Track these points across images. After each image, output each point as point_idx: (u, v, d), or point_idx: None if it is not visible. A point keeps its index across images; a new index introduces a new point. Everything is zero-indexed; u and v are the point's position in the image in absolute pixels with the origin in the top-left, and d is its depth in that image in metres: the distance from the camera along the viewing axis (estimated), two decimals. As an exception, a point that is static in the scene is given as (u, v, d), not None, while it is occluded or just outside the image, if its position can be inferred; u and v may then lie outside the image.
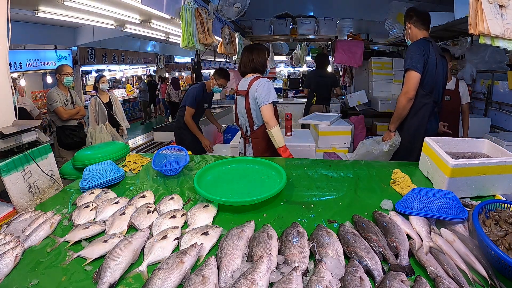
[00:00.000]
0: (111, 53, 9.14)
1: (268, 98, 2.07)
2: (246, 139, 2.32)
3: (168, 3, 2.94)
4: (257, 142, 2.24)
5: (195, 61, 5.31)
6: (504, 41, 1.63)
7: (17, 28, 5.35)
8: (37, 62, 6.99)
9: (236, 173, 1.57)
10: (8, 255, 0.97)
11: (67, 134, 3.49)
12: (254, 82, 2.15)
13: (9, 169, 1.29)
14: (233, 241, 0.98)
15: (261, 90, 2.08)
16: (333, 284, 0.81)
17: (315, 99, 4.79)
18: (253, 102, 2.15)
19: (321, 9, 5.85)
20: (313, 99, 4.81)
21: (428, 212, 1.12)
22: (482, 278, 0.87)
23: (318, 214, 1.23)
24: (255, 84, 2.13)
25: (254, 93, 2.12)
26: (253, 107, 2.17)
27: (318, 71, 4.93)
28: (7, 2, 1.40)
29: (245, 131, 2.31)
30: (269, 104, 2.08)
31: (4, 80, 1.42)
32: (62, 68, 3.46)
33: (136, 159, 1.90)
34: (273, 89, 2.14)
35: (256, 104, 2.14)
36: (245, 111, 2.21)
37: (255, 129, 2.23)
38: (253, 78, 2.17)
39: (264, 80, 2.14)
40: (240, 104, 2.28)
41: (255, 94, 2.11)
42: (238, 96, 2.29)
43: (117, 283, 0.88)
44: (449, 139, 1.62)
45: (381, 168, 1.69)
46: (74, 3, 2.83)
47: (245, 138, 2.32)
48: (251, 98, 2.15)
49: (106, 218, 1.22)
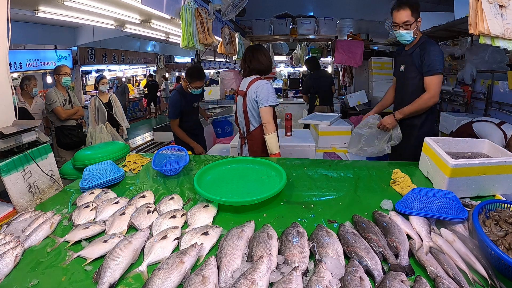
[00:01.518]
0: (111, 53, 9.14)
1: (266, 100, 2.06)
2: (242, 140, 2.32)
3: (168, 3, 2.94)
4: (252, 144, 2.24)
5: (195, 61, 5.32)
6: (504, 41, 1.63)
7: (17, 28, 5.35)
8: (37, 62, 6.99)
9: (236, 173, 1.57)
10: (8, 255, 0.97)
11: (66, 134, 3.50)
12: (253, 83, 2.13)
13: (9, 169, 1.29)
14: (233, 241, 0.98)
15: (260, 92, 2.08)
16: (333, 284, 0.81)
17: (317, 101, 4.81)
18: (250, 103, 2.15)
19: (321, 9, 5.85)
20: (315, 101, 4.83)
21: (428, 212, 1.12)
22: (482, 278, 0.87)
23: (318, 214, 1.23)
24: (255, 85, 2.12)
25: (252, 94, 2.11)
26: (250, 108, 2.16)
27: (314, 74, 4.94)
28: (7, 2, 1.40)
29: (242, 132, 2.31)
30: (268, 107, 2.07)
31: (4, 80, 1.42)
32: (60, 69, 3.47)
33: (136, 159, 1.90)
34: (273, 92, 2.12)
35: (253, 106, 2.14)
36: (243, 111, 2.21)
37: (250, 131, 2.22)
38: (253, 79, 2.16)
39: (264, 82, 2.12)
40: (239, 104, 2.28)
41: (255, 95, 2.10)
42: (238, 96, 2.29)
43: (117, 283, 0.88)
44: (449, 139, 1.62)
45: (381, 168, 1.69)
46: (74, 3, 2.83)
47: (242, 138, 2.32)
48: (249, 99, 2.15)
49: (106, 218, 1.22)
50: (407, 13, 1.91)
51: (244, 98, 2.18)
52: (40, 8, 3.46)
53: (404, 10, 1.91)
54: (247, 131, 2.25)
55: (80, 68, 8.17)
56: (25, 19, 5.23)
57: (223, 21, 4.48)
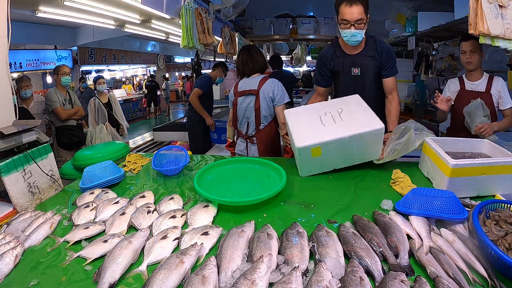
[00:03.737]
0: (111, 53, 9.15)
1: (284, 98, 2.18)
2: (250, 139, 2.31)
3: (168, 3, 2.95)
4: (263, 142, 2.26)
5: (195, 61, 5.31)
6: (504, 41, 1.63)
7: (17, 28, 5.36)
8: (37, 62, 7.00)
9: (236, 173, 1.57)
10: (8, 255, 0.97)
11: (66, 134, 3.50)
12: (266, 81, 2.19)
13: (9, 169, 1.29)
14: (233, 241, 0.98)
15: (277, 90, 2.17)
16: (333, 284, 0.81)
17: None
18: (264, 101, 2.19)
19: (321, 9, 5.85)
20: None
21: (428, 212, 1.12)
22: (482, 278, 0.87)
23: (318, 214, 1.23)
24: (269, 84, 2.19)
25: (268, 92, 2.17)
26: (264, 106, 2.20)
27: (276, 73, 4.86)
28: (7, 2, 1.40)
29: (246, 132, 2.31)
30: (284, 105, 2.18)
31: (4, 80, 1.42)
32: (59, 68, 3.47)
33: (136, 159, 1.90)
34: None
35: (268, 104, 2.19)
36: (254, 110, 2.22)
37: (261, 128, 2.25)
38: (263, 77, 2.22)
39: (277, 80, 2.22)
40: (244, 103, 2.27)
41: (272, 93, 2.17)
42: (242, 97, 2.27)
43: (117, 283, 0.88)
44: (449, 139, 1.62)
45: (381, 168, 1.69)
46: (74, 3, 2.84)
47: (249, 138, 2.32)
48: (263, 96, 2.18)
49: (106, 218, 1.22)
50: (360, 9, 1.71)
51: (257, 97, 2.20)
52: (40, 8, 3.47)
53: (357, 6, 1.70)
54: (256, 129, 2.27)
55: (80, 68, 8.17)
56: (25, 19, 5.23)
57: (223, 21, 4.48)
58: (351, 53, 1.95)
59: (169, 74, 14.07)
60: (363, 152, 1.59)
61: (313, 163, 1.57)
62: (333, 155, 1.55)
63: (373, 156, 1.62)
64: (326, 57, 2.03)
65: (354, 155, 1.59)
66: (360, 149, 1.57)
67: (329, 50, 2.04)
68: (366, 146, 1.56)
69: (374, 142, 1.57)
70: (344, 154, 1.57)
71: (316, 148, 1.50)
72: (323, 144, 1.50)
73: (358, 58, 1.94)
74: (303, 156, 1.54)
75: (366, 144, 1.55)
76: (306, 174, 1.61)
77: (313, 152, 1.52)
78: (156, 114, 12.24)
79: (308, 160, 1.55)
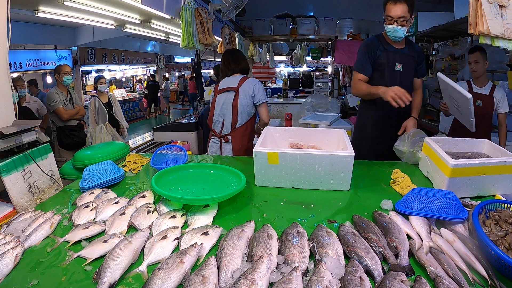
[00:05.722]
0: (111, 53, 9.15)
1: (264, 96, 2.29)
2: (224, 138, 2.31)
3: (168, 3, 2.94)
4: (237, 141, 2.28)
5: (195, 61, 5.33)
6: (504, 41, 1.63)
7: (17, 28, 5.36)
8: (37, 62, 7.00)
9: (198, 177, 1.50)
10: (8, 255, 0.97)
11: (67, 134, 3.50)
12: (246, 80, 2.27)
13: (9, 169, 1.28)
14: (233, 241, 0.98)
15: (257, 89, 2.25)
16: (333, 284, 0.81)
17: None
18: (244, 97, 2.23)
19: (321, 9, 5.85)
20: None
21: (428, 212, 1.12)
22: (482, 278, 0.87)
23: (318, 214, 1.23)
24: (250, 82, 2.26)
25: (249, 90, 2.24)
26: (242, 103, 2.24)
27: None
28: (7, 2, 1.40)
29: (221, 130, 2.31)
30: (265, 103, 2.27)
31: (4, 80, 1.42)
32: (60, 68, 3.47)
33: (136, 159, 1.90)
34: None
35: (247, 101, 2.24)
36: (232, 107, 2.25)
37: (237, 127, 2.26)
38: (243, 76, 2.30)
39: (257, 80, 2.32)
40: (223, 100, 2.29)
41: (252, 91, 2.24)
42: (222, 94, 2.30)
43: (117, 283, 0.88)
44: (449, 139, 1.62)
45: (381, 168, 1.69)
46: (74, 3, 2.84)
47: (223, 137, 2.32)
48: (242, 94, 2.23)
49: (106, 218, 1.22)
50: (404, 8, 1.83)
51: (236, 93, 2.24)
52: (40, 8, 3.47)
53: (402, 4, 1.83)
54: (232, 128, 2.28)
55: (80, 68, 8.17)
56: (25, 19, 5.23)
57: (223, 21, 4.48)
58: (395, 48, 2.04)
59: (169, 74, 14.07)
60: (328, 176, 1.43)
61: (269, 172, 1.47)
62: (292, 170, 1.44)
63: (341, 186, 1.44)
64: (372, 47, 2.05)
65: (316, 177, 1.43)
66: (323, 172, 1.42)
67: (374, 40, 2.08)
68: (332, 171, 1.41)
69: (342, 168, 1.41)
70: (305, 171, 1.43)
71: (273, 153, 1.42)
72: (282, 152, 1.43)
73: (402, 54, 2.04)
74: (259, 160, 1.45)
75: (332, 167, 1.40)
76: (261, 183, 1.49)
77: (269, 157, 1.43)
78: (156, 114, 12.25)
79: (264, 167, 1.46)
